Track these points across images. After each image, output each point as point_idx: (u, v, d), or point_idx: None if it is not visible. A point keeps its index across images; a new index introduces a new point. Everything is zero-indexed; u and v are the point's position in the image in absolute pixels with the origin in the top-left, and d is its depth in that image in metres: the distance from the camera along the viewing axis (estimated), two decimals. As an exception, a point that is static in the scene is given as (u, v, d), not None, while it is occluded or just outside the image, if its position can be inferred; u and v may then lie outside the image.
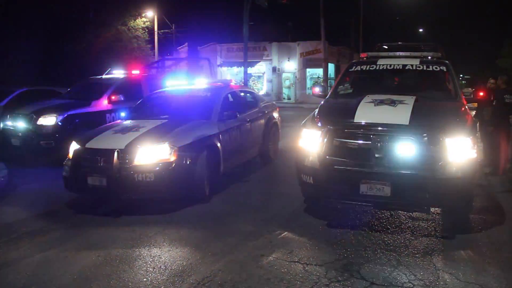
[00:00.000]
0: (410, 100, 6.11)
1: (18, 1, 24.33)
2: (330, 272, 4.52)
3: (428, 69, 7.30)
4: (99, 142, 6.82)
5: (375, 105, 6.09)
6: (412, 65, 7.36)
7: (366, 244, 5.27)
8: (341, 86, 7.63)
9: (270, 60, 40.66)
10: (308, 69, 40.25)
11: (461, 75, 58.85)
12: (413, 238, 5.46)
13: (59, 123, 9.96)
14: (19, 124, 10.34)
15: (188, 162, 6.64)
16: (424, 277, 4.42)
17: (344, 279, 4.38)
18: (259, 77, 41.95)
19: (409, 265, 4.68)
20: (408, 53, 7.98)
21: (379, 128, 5.57)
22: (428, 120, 5.68)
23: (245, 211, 6.64)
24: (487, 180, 8.35)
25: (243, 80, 26.00)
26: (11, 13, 24.18)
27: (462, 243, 5.33)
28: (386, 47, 9.23)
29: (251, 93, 10.67)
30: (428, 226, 5.90)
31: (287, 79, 41.22)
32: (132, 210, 6.68)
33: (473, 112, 9.16)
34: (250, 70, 33.06)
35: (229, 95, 8.95)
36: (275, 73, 40.65)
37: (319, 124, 5.94)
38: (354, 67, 7.81)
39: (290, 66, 40.57)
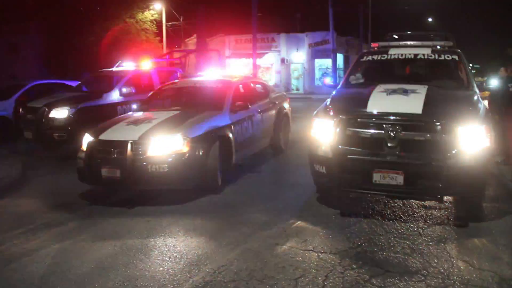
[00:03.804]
0: (422, 89, 6.10)
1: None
2: (344, 260, 4.56)
3: (440, 58, 7.28)
4: (113, 134, 6.88)
5: (387, 95, 6.10)
6: (423, 55, 7.34)
7: (380, 232, 5.30)
8: (353, 76, 7.63)
9: (279, 51, 40.56)
10: (316, 60, 40.13)
11: (471, 65, 58.39)
12: (426, 226, 5.48)
13: (71, 116, 10.00)
14: (32, 117, 10.42)
15: (200, 153, 6.68)
16: (439, 264, 4.44)
17: (358, 266, 4.42)
18: (267, 68, 41.88)
19: (423, 253, 4.70)
20: (419, 43, 7.95)
21: (392, 117, 5.57)
22: (441, 109, 5.67)
23: (258, 201, 6.67)
24: (498, 169, 8.32)
25: (252, 71, 25.99)
26: (21, 9, 24.30)
27: (475, 231, 5.36)
28: (396, 36, 9.18)
29: (262, 84, 10.68)
30: (441, 214, 5.91)
31: (296, 70, 41.13)
32: (146, 200, 6.74)
33: (486, 102, 9.13)
34: (258, 61, 32.98)
35: (241, 86, 8.97)
36: (284, 64, 40.56)
37: (332, 114, 5.95)
38: (365, 57, 7.80)
39: (299, 57, 40.45)
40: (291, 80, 41.28)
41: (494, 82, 8.75)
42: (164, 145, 6.51)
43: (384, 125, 5.54)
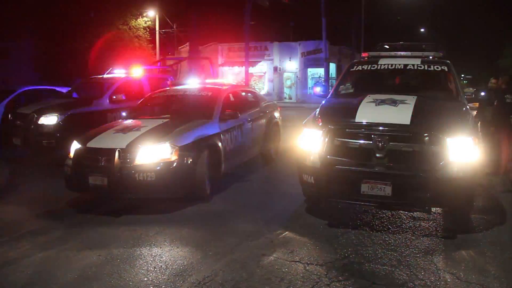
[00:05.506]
0: (411, 100, 6.11)
1: (19, 0, 24.34)
2: (331, 272, 4.52)
3: (429, 69, 7.29)
4: (100, 142, 6.82)
5: (376, 105, 6.09)
6: (413, 65, 7.36)
7: (367, 243, 5.27)
8: (342, 86, 7.63)
9: (272, 59, 40.67)
10: (309, 69, 40.26)
11: (462, 75, 58.80)
12: (414, 238, 5.46)
13: (61, 123, 9.93)
14: (21, 124, 10.33)
15: (189, 162, 6.63)
16: (425, 277, 4.42)
17: (345, 278, 4.38)
18: (260, 76, 41.95)
19: (410, 265, 4.67)
20: (409, 53, 7.98)
21: (380, 128, 5.56)
22: (429, 120, 5.67)
23: (246, 210, 6.63)
24: (488, 180, 8.33)
25: (244, 80, 26.02)
26: (12, 13, 24.17)
27: (463, 243, 5.34)
28: (387, 46, 9.20)
29: (252, 92, 10.66)
30: (429, 226, 5.90)
31: (288, 78, 41.23)
32: (133, 209, 6.68)
33: (474, 112, 9.16)
34: (251, 69, 33.05)
35: (230, 95, 8.94)
36: (277, 72, 40.65)
37: (320, 124, 5.93)
38: (355, 66, 7.80)
39: (292, 65, 40.57)
40: (284, 88, 41.36)
41: (483, 93, 8.76)
42: (152, 154, 6.47)
43: (372, 136, 5.54)
